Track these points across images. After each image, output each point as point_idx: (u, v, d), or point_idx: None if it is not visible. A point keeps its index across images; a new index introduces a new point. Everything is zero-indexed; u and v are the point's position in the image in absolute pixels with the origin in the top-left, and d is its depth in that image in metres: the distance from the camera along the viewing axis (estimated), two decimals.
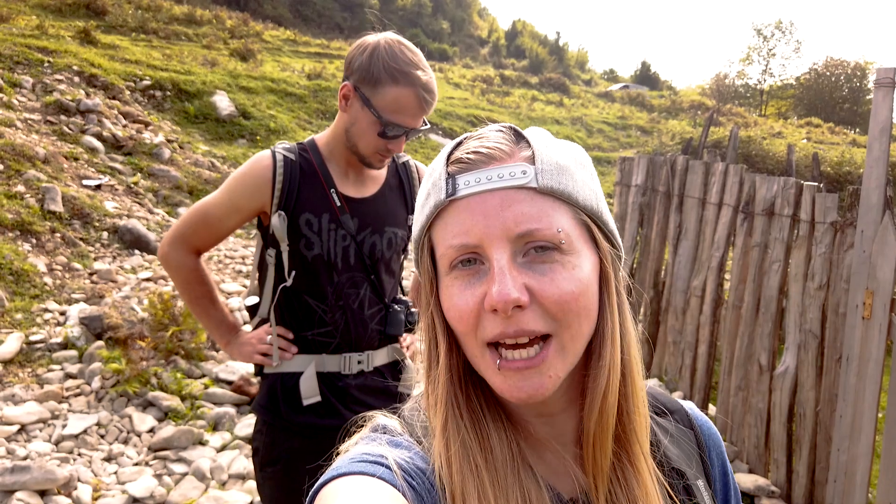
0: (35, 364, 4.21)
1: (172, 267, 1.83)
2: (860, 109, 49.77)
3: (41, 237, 5.62)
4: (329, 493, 0.61)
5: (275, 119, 11.42)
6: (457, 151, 0.71)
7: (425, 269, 0.72)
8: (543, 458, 0.73)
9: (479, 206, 0.66)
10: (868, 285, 3.13)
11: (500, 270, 0.63)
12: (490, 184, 0.66)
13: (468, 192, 0.66)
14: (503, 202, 0.65)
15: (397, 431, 0.73)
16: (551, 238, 0.65)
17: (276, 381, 1.82)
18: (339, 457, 0.69)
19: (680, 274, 4.65)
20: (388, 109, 1.68)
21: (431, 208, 0.69)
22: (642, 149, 16.29)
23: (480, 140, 0.70)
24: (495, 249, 0.65)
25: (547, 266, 0.65)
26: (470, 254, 0.66)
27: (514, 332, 0.64)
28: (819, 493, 3.44)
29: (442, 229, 0.69)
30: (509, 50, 69.47)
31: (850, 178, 10.88)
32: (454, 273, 0.68)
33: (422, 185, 0.74)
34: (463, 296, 0.67)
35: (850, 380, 3.19)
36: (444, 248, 0.68)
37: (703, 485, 0.79)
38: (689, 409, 0.87)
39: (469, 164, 0.68)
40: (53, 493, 3.12)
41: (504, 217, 0.65)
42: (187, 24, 19.20)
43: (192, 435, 3.69)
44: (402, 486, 0.62)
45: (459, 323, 0.67)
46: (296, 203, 1.75)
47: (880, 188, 3.13)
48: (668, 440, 0.80)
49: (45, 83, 8.84)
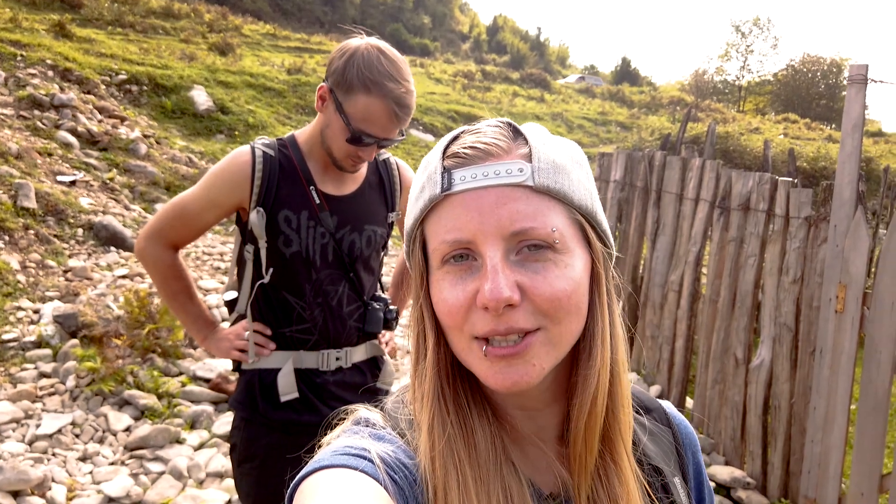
0: (8, 363, 4.14)
1: (149, 262, 1.81)
2: (836, 105, 50.51)
3: (14, 234, 5.53)
4: (310, 486, 0.61)
5: (253, 114, 11.33)
6: (453, 145, 0.70)
7: (416, 263, 0.72)
8: (525, 453, 0.73)
9: (475, 202, 0.66)
10: (841, 279, 3.17)
11: (492, 268, 0.63)
12: (486, 180, 0.66)
13: (464, 188, 0.66)
14: (499, 199, 0.65)
15: (380, 425, 0.73)
16: (545, 237, 0.65)
17: (253, 378, 1.81)
18: (321, 449, 0.69)
19: (657, 269, 4.69)
20: (358, 118, 1.66)
21: (426, 202, 0.69)
22: (622, 144, 16.39)
23: (477, 134, 0.70)
24: (489, 247, 0.65)
25: (540, 265, 0.65)
26: (462, 249, 0.66)
27: (504, 330, 0.64)
28: (794, 483, 3.49)
29: (435, 223, 0.69)
30: (490, 45, 69.51)
31: (826, 174, 11.04)
32: (445, 268, 0.68)
33: (416, 178, 0.74)
34: (453, 291, 0.67)
35: (823, 372, 3.24)
36: (436, 243, 0.68)
37: (679, 482, 0.80)
38: (667, 408, 0.88)
39: (466, 158, 0.68)
40: (27, 494, 3.07)
41: (499, 214, 0.65)
42: (165, 18, 18.97)
43: (168, 433, 3.65)
44: (384, 480, 0.62)
45: (448, 317, 0.67)
46: (274, 199, 1.73)
47: (853, 183, 3.17)
48: (648, 438, 0.81)
49: (18, 77, 8.68)
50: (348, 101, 1.66)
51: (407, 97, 1.68)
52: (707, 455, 3.95)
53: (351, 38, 1.73)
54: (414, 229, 0.72)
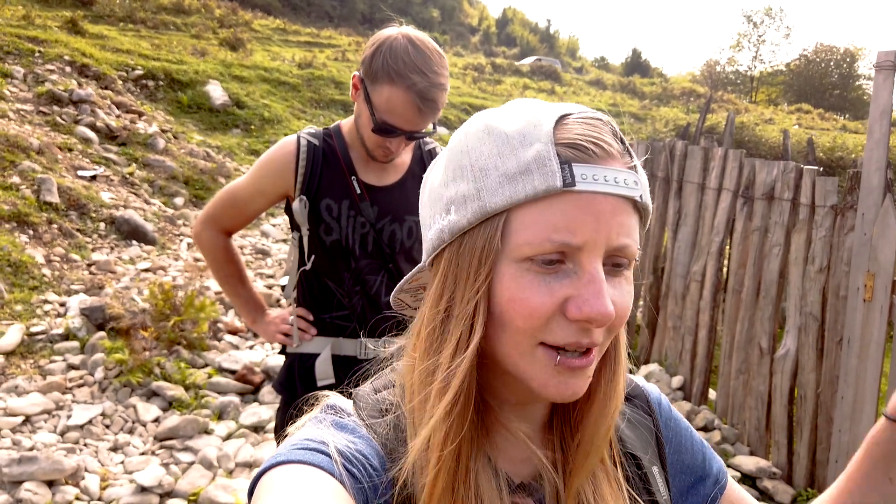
0: (37, 355, 4.20)
1: (205, 246, 1.90)
2: (850, 95, 50.01)
3: (38, 228, 5.58)
4: (267, 483, 0.60)
5: (269, 108, 11.36)
6: (564, 130, 0.63)
7: (489, 249, 0.63)
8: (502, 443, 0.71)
9: (594, 207, 0.61)
10: (869, 268, 3.16)
11: (600, 281, 0.61)
12: (608, 186, 0.61)
13: (587, 189, 0.61)
14: (614, 210, 0.62)
15: (346, 412, 0.71)
16: (632, 256, 0.64)
17: (294, 361, 1.88)
18: (283, 441, 0.67)
19: (679, 259, 4.68)
20: (383, 109, 1.66)
21: (536, 190, 0.61)
22: (636, 136, 16.32)
23: (590, 126, 0.64)
24: (595, 257, 0.62)
25: (617, 280, 0.64)
26: (562, 253, 0.62)
27: (588, 343, 0.62)
28: (820, 473, 3.49)
29: (539, 217, 0.61)
30: (500, 38, 69.27)
31: (843, 163, 10.95)
32: (528, 265, 0.62)
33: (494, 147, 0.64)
34: (539, 292, 0.62)
35: (851, 361, 3.23)
36: (536, 238, 0.61)
37: (657, 471, 0.79)
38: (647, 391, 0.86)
39: (588, 155, 0.62)
40: (61, 484, 3.12)
41: (612, 225, 0.61)
42: (175, 14, 19.01)
43: (197, 424, 3.70)
44: (340, 475, 0.61)
45: (525, 320, 0.62)
46: (317, 188, 1.77)
47: (881, 171, 3.16)
48: (626, 425, 0.80)
49: (37, 73, 8.74)
50: (374, 91, 1.66)
51: (432, 90, 1.64)
52: (731, 445, 3.95)
53: (387, 27, 1.73)
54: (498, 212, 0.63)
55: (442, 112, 1.78)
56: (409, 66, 1.61)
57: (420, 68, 1.62)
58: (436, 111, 1.69)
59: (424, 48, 1.66)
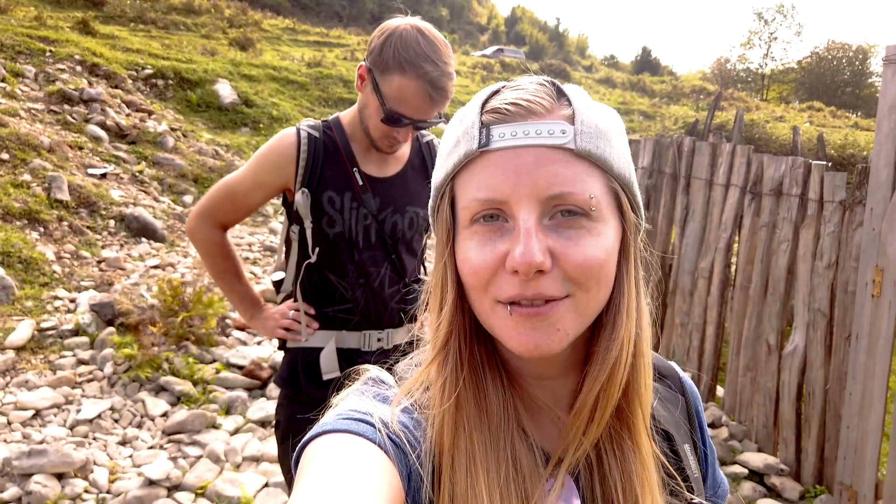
0: (47, 350, 4.24)
1: (199, 241, 1.86)
2: (862, 93, 49.58)
3: (49, 225, 5.64)
4: (312, 451, 0.61)
5: (277, 107, 11.40)
6: (493, 100, 0.67)
7: (443, 219, 0.69)
8: (537, 421, 0.72)
9: (512, 161, 0.63)
10: (878, 263, 3.14)
11: (526, 232, 0.61)
12: (526, 139, 0.63)
13: (502, 146, 0.63)
14: (538, 160, 0.62)
15: (388, 384, 0.72)
16: (582, 204, 0.63)
17: (297, 356, 1.85)
18: (328, 411, 0.69)
19: (687, 255, 4.66)
20: (393, 98, 1.66)
21: (460, 157, 0.66)
22: (645, 133, 16.26)
23: (519, 91, 0.67)
24: (522, 209, 0.62)
25: (573, 231, 0.63)
26: (494, 209, 0.64)
27: (532, 295, 0.62)
28: (828, 470, 3.47)
29: (468, 180, 0.66)
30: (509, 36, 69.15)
31: (854, 160, 10.86)
32: (474, 227, 0.65)
33: (448, 131, 0.70)
34: (481, 252, 0.64)
35: (859, 357, 3.21)
36: (467, 201, 0.65)
37: (689, 449, 0.79)
38: (681, 374, 0.86)
39: (506, 115, 0.64)
40: (70, 476, 3.15)
41: (537, 176, 0.62)
42: (186, 14, 19.12)
43: (205, 419, 3.72)
44: (384, 444, 0.62)
45: (473, 277, 0.65)
46: (319, 180, 1.76)
47: (889, 165, 3.13)
48: (658, 403, 0.79)
49: (48, 72, 8.82)
50: (384, 80, 1.66)
51: (443, 79, 1.65)
52: (739, 442, 3.93)
53: (392, 18, 1.74)
54: (444, 184, 0.69)
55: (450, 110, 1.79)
56: (420, 56, 1.62)
57: (430, 57, 1.63)
58: (445, 99, 1.69)
59: (433, 38, 1.67)
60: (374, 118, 1.72)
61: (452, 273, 0.68)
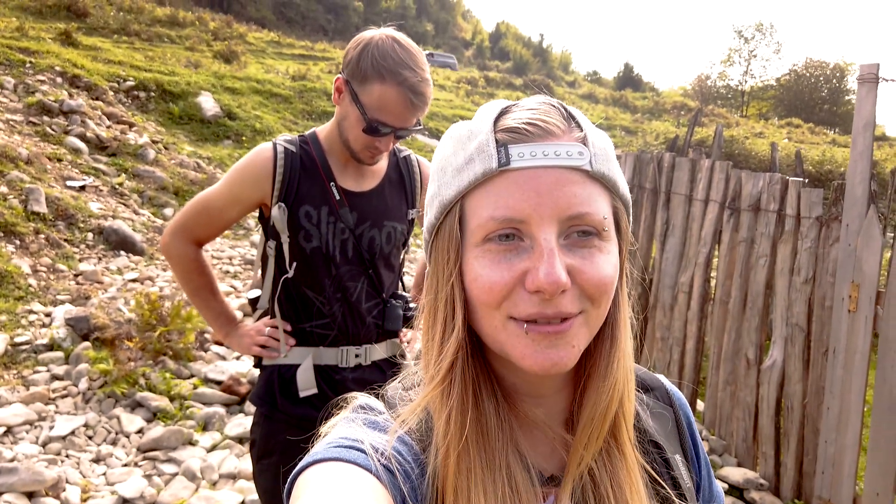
0: (20, 366, 4.16)
1: (173, 257, 1.83)
2: (839, 110, 50.46)
3: (25, 238, 5.55)
4: (305, 481, 0.60)
5: (260, 120, 11.37)
6: (506, 119, 0.67)
7: (452, 237, 0.68)
8: (531, 438, 0.73)
9: (533, 181, 0.63)
10: (854, 278, 3.17)
11: (549, 252, 0.62)
12: (546, 160, 0.64)
13: (523, 165, 0.64)
14: (558, 181, 0.64)
15: (378, 411, 0.72)
16: (597, 224, 0.64)
17: (273, 373, 1.82)
18: (318, 441, 0.68)
19: (667, 270, 4.69)
20: (374, 107, 1.66)
21: (476, 175, 0.65)
22: (627, 149, 16.41)
23: (534, 111, 0.68)
24: (544, 229, 0.63)
25: (587, 251, 0.64)
26: (511, 229, 0.64)
27: (553, 314, 0.63)
28: (807, 484, 3.48)
29: (484, 199, 0.65)
30: (493, 52, 69.66)
31: (832, 176, 11.02)
32: (487, 245, 0.65)
33: (452, 148, 0.70)
34: (497, 269, 0.64)
35: (836, 372, 3.23)
36: (483, 219, 0.65)
37: (680, 459, 0.80)
38: (668, 385, 0.88)
39: (524, 135, 0.65)
40: (41, 495, 3.08)
41: (557, 196, 0.63)
42: (170, 26, 19.07)
43: (181, 435, 3.66)
44: (377, 470, 0.62)
45: (486, 294, 0.65)
46: (296, 195, 1.74)
47: (865, 182, 3.18)
48: (647, 414, 0.80)
49: (28, 84, 8.73)
50: (363, 90, 1.66)
51: (422, 85, 1.67)
52: (719, 457, 3.94)
53: (366, 30, 1.75)
54: (453, 201, 0.68)
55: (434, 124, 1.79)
56: (398, 63, 1.63)
57: (408, 64, 1.65)
58: (425, 105, 1.70)
59: (409, 46, 1.69)
60: (354, 129, 1.72)
61: (460, 293, 0.68)
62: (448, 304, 0.69)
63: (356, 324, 1.84)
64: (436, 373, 0.69)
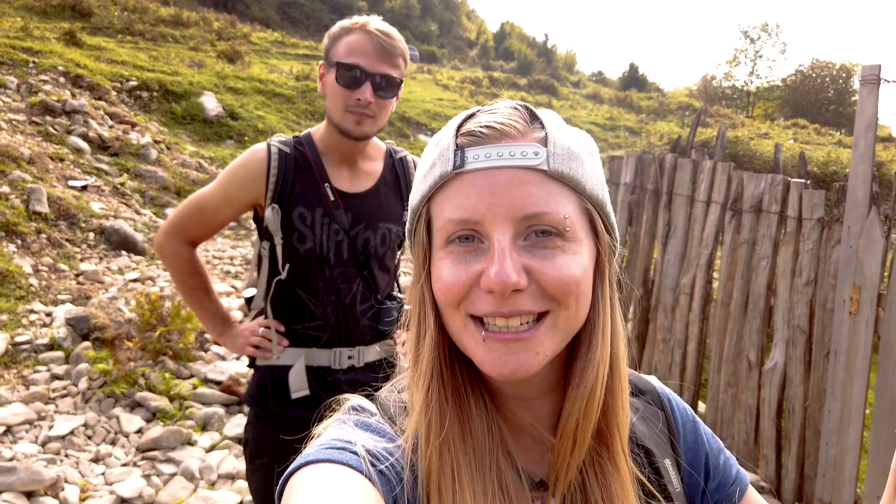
0: (21, 365, 4.16)
1: (167, 257, 1.83)
2: (846, 111, 50.23)
3: (26, 238, 5.56)
4: (297, 482, 0.61)
5: (263, 120, 11.38)
6: (468, 123, 0.68)
7: (420, 241, 0.70)
8: (521, 442, 0.72)
9: (486, 181, 0.64)
10: (855, 280, 3.15)
11: (500, 251, 0.62)
12: (500, 160, 0.64)
13: (477, 167, 0.64)
14: (512, 181, 0.64)
15: (370, 412, 0.72)
16: (557, 224, 0.64)
17: (266, 374, 1.82)
18: (311, 442, 0.68)
19: (669, 272, 4.67)
20: (343, 55, 1.69)
21: (436, 179, 0.67)
22: (631, 149, 16.37)
23: (493, 114, 0.68)
24: (497, 229, 0.63)
25: (548, 251, 0.64)
26: (469, 230, 0.65)
27: (509, 312, 0.63)
28: (808, 487, 3.46)
29: (443, 202, 0.67)
30: (498, 52, 69.60)
31: (837, 178, 10.97)
32: (450, 248, 0.66)
33: (425, 154, 0.72)
34: (455, 271, 0.65)
35: (838, 374, 3.21)
36: (442, 222, 0.66)
37: (670, 463, 0.79)
38: (659, 388, 0.86)
39: (480, 137, 0.66)
40: (40, 495, 3.08)
41: (511, 196, 0.63)
42: (174, 26, 19.08)
43: (180, 435, 3.66)
44: (368, 472, 0.62)
45: (445, 294, 0.66)
46: (290, 196, 1.74)
47: (866, 184, 3.15)
48: (638, 419, 0.80)
49: (30, 83, 8.75)
50: (335, 52, 1.71)
51: (394, 34, 1.72)
52: None
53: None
54: (420, 206, 0.70)
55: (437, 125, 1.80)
56: (364, 21, 1.71)
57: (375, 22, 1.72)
58: (396, 52, 1.70)
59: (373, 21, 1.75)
60: (334, 93, 1.72)
61: (429, 295, 0.69)
62: (420, 307, 0.70)
63: (349, 325, 1.83)
64: (413, 374, 0.70)
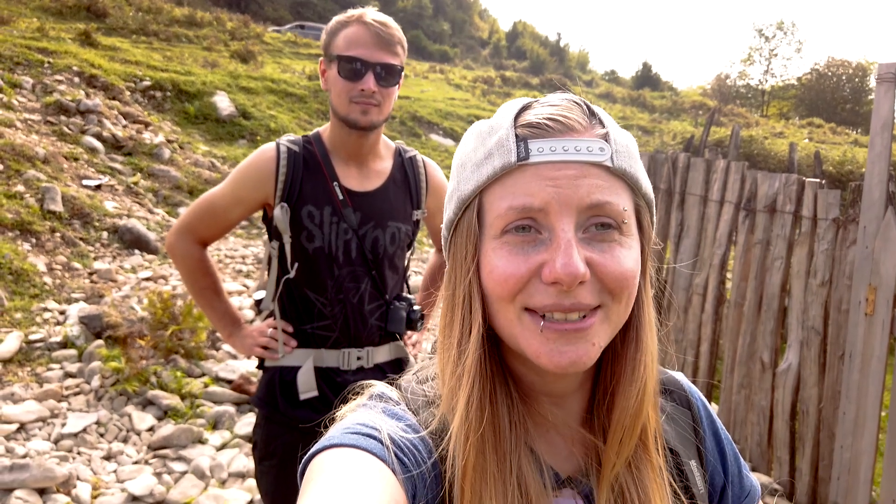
0: (34, 363, 4.20)
1: (178, 257, 1.84)
2: (862, 110, 49.69)
3: (41, 237, 5.61)
4: (318, 465, 0.60)
5: (275, 119, 11.42)
6: (526, 114, 0.67)
7: (470, 232, 0.68)
8: (546, 437, 0.72)
9: (551, 174, 0.63)
10: (871, 281, 3.11)
11: (566, 242, 0.62)
12: (566, 155, 0.64)
13: (542, 160, 0.64)
14: (578, 174, 0.63)
15: (394, 401, 0.72)
16: (617, 215, 0.64)
17: (274, 375, 1.81)
18: (335, 424, 0.68)
19: (681, 272, 4.64)
20: (343, 47, 1.70)
21: (495, 169, 0.65)
22: (644, 148, 16.28)
23: (555, 107, 0.67)
24: (561, 219, 0.63)
25: (606, 244, 0.64)
26: (529, 219, 0.64)
27: (570, 306, 0.62)
28: (822, 490, 3.42)
29: (503, 192, 0.65)
30: (510, 51, 69.51)
31: (853, 177, 10.86)
32: (505, 237, 0.65)
33: (471, 144, 0.70)
34: (513, 261, 0.64)
35: (853, 376, 3.17)
36: (500, 210, 0.65)
37: (695, 465, 0.79)
38: (687, 387, 0.86)
39: (545, 130, 0.65)
40: (52, 492, 3.10)
41: (577, 185, 0.63)
42: (188, 27, 19.20)
43: (191, 433, 3.67)
44: (391, 461, 0.61)
45: (501, 286, 0.64)
46: (298, 195, 1.74)
47: (882, 184, 3.11)
48: (665, 420, 0.79)
49: (45, 84, 8.83)
50: (335, 46, 1.71)
51: (390, 23, 1.72)
52: None
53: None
54: (472, 196, 0.68)
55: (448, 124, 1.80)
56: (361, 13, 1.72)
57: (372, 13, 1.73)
58: (394, 40, 1.71)
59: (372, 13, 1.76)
60: (336, 86, 1.72)
61: (478, 289, 0.67)
62: (466, 301, 0.68)
63: (358, 326, 1.82)
64: (453, 370, 0.68)
